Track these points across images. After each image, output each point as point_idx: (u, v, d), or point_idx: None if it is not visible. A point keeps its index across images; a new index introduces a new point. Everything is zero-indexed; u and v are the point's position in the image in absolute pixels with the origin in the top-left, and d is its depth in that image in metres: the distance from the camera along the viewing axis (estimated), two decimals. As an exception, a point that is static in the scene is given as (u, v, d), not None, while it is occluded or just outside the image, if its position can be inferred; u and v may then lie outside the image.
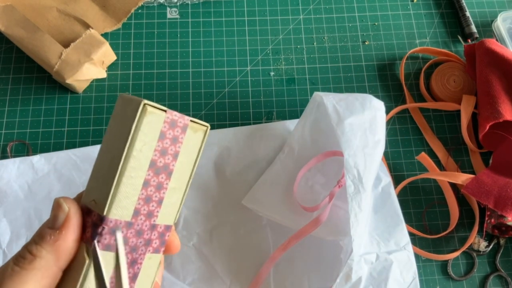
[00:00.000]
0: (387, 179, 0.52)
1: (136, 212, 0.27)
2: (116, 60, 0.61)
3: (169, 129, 0.27)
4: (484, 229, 0.54)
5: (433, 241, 0.55)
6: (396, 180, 0.56)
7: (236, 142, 0.56)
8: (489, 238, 0.55)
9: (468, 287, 0.53)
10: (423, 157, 0.55)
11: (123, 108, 0.27)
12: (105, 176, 0.26)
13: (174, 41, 0.62)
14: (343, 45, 0.64)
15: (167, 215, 0.29)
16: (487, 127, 0.54)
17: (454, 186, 0.56)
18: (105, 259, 0.26)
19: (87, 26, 0.59)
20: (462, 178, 0.52)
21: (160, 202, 0.28)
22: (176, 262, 0.49)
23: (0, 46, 0.61)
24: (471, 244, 0.54)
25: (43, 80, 0.60)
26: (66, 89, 0.59)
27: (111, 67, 0.61)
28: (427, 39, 0.64)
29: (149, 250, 0.28)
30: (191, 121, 0.28)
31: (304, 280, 0.49)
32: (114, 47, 0.61)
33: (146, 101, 0.26)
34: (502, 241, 0.55)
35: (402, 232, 0.49)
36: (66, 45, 0.56)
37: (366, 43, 0.64)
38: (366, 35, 0.64)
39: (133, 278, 0.28)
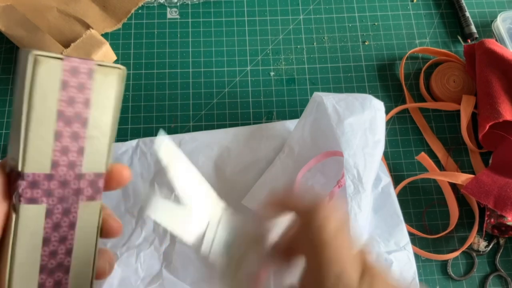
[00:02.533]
0: (387, 179, 0.52)
1: (55, 164, 0.27)
2: (116, 60, 0.61)
3: (72, 77, 0.27)
4: (484, 229, 0.54)
5: (433, 241, 0.55)
6: (396, 180, 0.57)
7: (236, 142, 0.56)
8: (488, 238, 0.55)
9: (467, 287, 0.53)
10: (423, 157, 0.55)
11: (21, 62, 0.26)
12: (15, 132, 0.26)
13: (174, 41, 0.62)
14: (343, 45, 0.64)
15: (94, 163, 0.29)
16: (487, 127, 0.54)
17: (454, 186, 0.56)
18: (33, 212, 0.27)
19: (87, 26, 0.59)
20: (462, 178, 0.52)
21: (81, 151, 0.28)
22: (177, 262, 0.49)
23: (1, 46, 0.61)
24: (470, 244, 0.54)
25: (43, 80, 0.60)
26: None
27: (111, 67, 0.61)
28: (427, 39, 0.64)
29: (82, 199, 0.29)
30: (98, 65, 0.28)
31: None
32: (114, 47, 0.61)
33: (38, 52, 0.25)
34: (501, 241, 0.55)
35: (402, 232, 0.49)
36: (66, 45, 0.56)
37: (366, 43, 0.64)
38: (366, 35, 0.64)
39: (70, 226, 0.28)
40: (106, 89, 0.28)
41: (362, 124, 0.47)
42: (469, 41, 0.64)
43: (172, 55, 0.62)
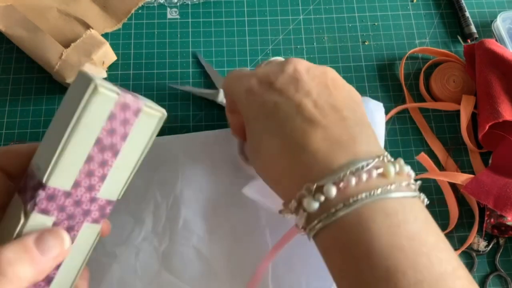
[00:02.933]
0: (386, 179, 0.52)
1: (76, 184, 0.28)
2: (116, 60, 0.61)
3: (120, 112, 0.28)
4: (484, 229, 0.54)
5: (432, 241, 0.55)
6: (396, 180, 0.56)
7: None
8: (488, 238, 0.55)
9: (467, 287, 0.53)
10: (423, 157, 0.55)
11: (79, 83, 0.27)
12: (50, 145, 0.27)
13: (174, 41, 0.63)
14: (343, 45, 0.64)
15: (110, 191, 0.31)
16: (487, 127, 0.54)
17: (453, 186, 0.56)
18: (40, 222, 0.28)
19: (87, 26, 0.59)
20: (461, 178, 0.52)
21: (103, 178, 0.30)
22: (176, 262, 0.49)
23: (0, 46, 0.61)
24: (470, 244, 0.54)
25: (43, 80, 0.60)
26: (67, 89, 0.59)
27: (111, 67, 0.61)
28: (427, 39, 0.64)
29: (88, 220, 0.30)
30: (146, 105, 0.29)
31: (302, 280, 0.50)
32: (114, 47, 0.61)
33: (98, 81, 0.27)
34: (501, 241, 0.55)
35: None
36: (66, 45, 0.56)
37: (366, 43, 0.64)
38: (366, 35, 0.64)
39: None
40: (145, 129, 0.30)
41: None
42: (469, 41, 0.64)
43: (172, 55, 0.62)
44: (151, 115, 0.30)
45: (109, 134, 0.28)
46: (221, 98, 0.58)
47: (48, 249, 0.26)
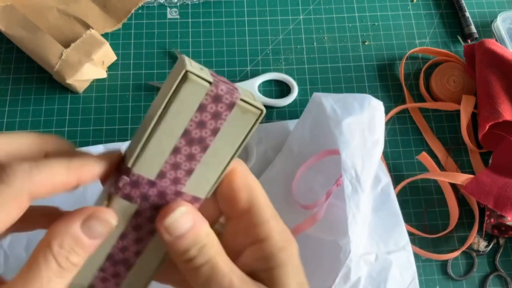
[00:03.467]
0: (386, 179, 0.52)
1: (161, 175, 0.28)
2: (116, 60, 0.61)
3: (212, 103, 0.26)
4: (484, 229, 0.54)
5: (433, 241, 0.55)
6: (396, 180, 0.57)
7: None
8: (488, 238, 0.55)
9: (467, 287, 0.53)
10: (424, 157, 0.55)
11: (174, 70, 0.27)
12: (139, 132, 0.27)
13: (174, 41, 0.63)
14: (343, 45, 0.64)
15: (197, 187, 0.29)
16: (487, 127, 0.54)
17: (454, 186, 0.56)
18: (124, 207, 0.28)
19: (87, 26, 0.59)
20: (461, 178, 0.52)
21: (189, 172, 0.28)
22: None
23: (1, 46, 0.61)
24: (470, 244, 0.54)
25: (43, 80, 0.60)
26: (67, 89, 0.59)
27: (111, 67, 0.61)
28: (427, 39, 0.64)
29: None
30: (242, 100, 0.27)
31: (303, 280, 0.50)
32: (114, 47, 0.61)
33: (190, 68, 0.25)
34: (501, 241, 0.55)
35: (402, 233, 0.49)
36: (66, 45, 0.56)
37: (366, 43, 0.64)
38: (366, 35, 0.64)
39: (150, 232, 0.29)
40: (240, 126, 0.28)
41: (361, 124, 0.47)
42: (469, 41, 0.64)
43: (172, 55, 0.62)
44: (247, 111, 0.27)
45: (198, 127, 0.27)
46: None
47: (98, 235, 0.26)
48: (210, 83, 0.26)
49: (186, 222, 0.27)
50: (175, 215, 0.27)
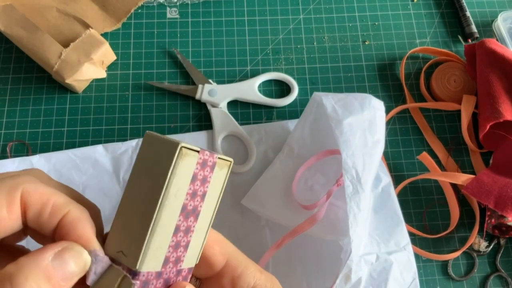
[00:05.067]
0: (387, 179, 0.52)
1: (166, 261, 0.26)
2: (116, 60, 0.61)
3: (200, 170, 0.26)
4: (485, 229, 0.54)
5: (433, 241, 0.55)
6: (396, 180, 0.56)
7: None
8: (489, 238, 0.55)
9: (468, 287, 0.53)
10: (424, 157, 0.55)
11: (154, 149, 0.25)
12: (135, 226, 0.24)
13: (174, 41, 0.62)
14: (343, 45, 0.63)
15: (191, 257, 0.28)
16: (488, 127, 0.54)
17: (454, 186, 0.56)
18: None
19: (87, 26, 0.59)
20: (462, 178, 0.52)
21: (187, 246, 0.27)
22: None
23: (0, 45, 0.61)
24: (471, 244, 0.54)
25: (42, 80, 0.60)
26: (66, 89, 0.59)
27: (111, 67, 0.61)
28: (427, 39, 0.64)
29: None
30: (218, 157, 0.26)
31: (303, 280, 0.49)
32: (114, 47, 0.61)
33: (183, 143, 0.24)
34: (502, 241, 0.54)
35: (402, 233, 0.48)
36: (65, 45, 0.56)
37: (366, 43, 0.64)
38: (366, 35, 0.64)
39: None
40: (218, 182, 0.27)
41: (361, 124, 0.47)
42: (469, 40, 0.64)
43: (172, 55, 0.62)
44: (222, 166, 0.27)
45: (192, 198, 0.26)
46: (199, 94, 0.58)
47: (71, 276, 0.23)
48: (198, 151, 0.25)
49: None
50: None
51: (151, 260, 0.24)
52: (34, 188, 0.24)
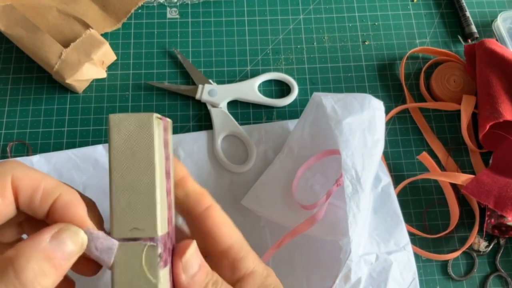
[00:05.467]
0: (387, 179, 0.52)
1: (168, 222, 0.27)
2: (116, 60, 0.61)
3: (165, 134, 0.27)
4: (484, 229, 0.54)
5: (433, 241, 0.55)
6: (396, 180, 0.56)
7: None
8: (489, 238, 0.55)
9: (468, 287, 0.53)
10: (424, 157, 0.55)
11: (127, 128, 0.26)
12: (140, 201, 0.26)
13: (174, 41, 0.62)
14: (343, 45, 0.63)
15: (173, 216, 0.29)
16: (487, 127, 0.54)
17: (454, 186, 0.56)
18: (165, 278, 0.26)
19: (87, 26, 0.59)
20: (462, 178, 0.52)
21: (171, 205, 0.28)
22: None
23: (0, 46, 0.61)
24: (471, 244, 0.54)
25: (43, 80, 0.60)
26: (66, 89, 0.59)
27: (111, 67, 0.61)
28: (427, 39, 0.64)
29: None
30: (160, 119, 0.28)
31: (303, 280, 0.49)
32: (114, 47, 0.61)
33: (155, 114, 0.26)
34: (502, 241, 0.54)
35: (402, 233, 0.48)
36: (66, 45, 0.56)
37: (366, 43, 0.64)
38: (366, 35, 0.64)
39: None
40: (169, 140, 0.29)
41: (361, 124, 0.47)
42: (469, 41, 0.64)
43: (172, 55, 0.62)
44: (167, 127, 0.28)
45: (166, 161, 0.27)
46: (199, 94, 0.58)
47: (70, 255, 0.24)
48: (160, 118, 0.27)
49: (196, 260, 0.27)
50: (191, 251, 0.27)
51: (162, 224, 0.26)
52: (24, 173, 0.25)
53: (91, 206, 0.28)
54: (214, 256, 0.30)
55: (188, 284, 0.26)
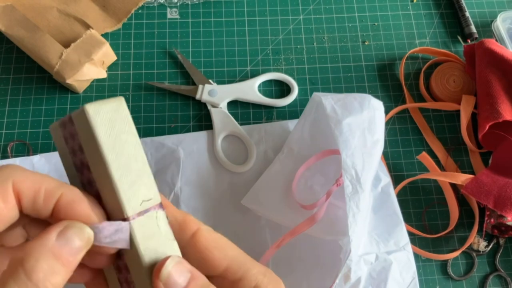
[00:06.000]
0: (386, 179, 0.52)
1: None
2: (116, 60, 0.61)
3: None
4: (484, 229, 0.54)
5: (432, 241, 0.55)
6: (396, 180, 0.57)
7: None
8: (488, 238, 0.55)
9: (467, 287, 0.53)
10: (424, 157, 0.55)
11: (104, 114, 0.27)
12: (139, 178, 0.27)
13: (174, 41, 0.63)
14: (343, 45, 0.64)
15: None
16: (487, 127, 0.54)
17: (454, 186, 0.56)
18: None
19: (87, 26, 0.59)
20: (461, 178, 0.52)
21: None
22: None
23: (1, 46, 0.61)
24: (470, 244, 0.54)
25: (43, 80, 0.60)
26: (67, 89, 0.59)
27: (111, 67, 0.61)
28: (427, 39, 0.64)
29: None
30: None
31: (303, 280, 0.50)
32: (114, 47, 0.61)
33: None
34: (501, 241, 0.55)
35: (402, 233, 0.49)
36: (66, 45, 0.56)
37: (366, 43, 0.64)
38: (366, 35, 0.64)
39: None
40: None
41: (361, 124, 0.47)
42: (469, 41, 0.64)
43: (172, 55, 0.62)
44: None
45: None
46: (200, 94, 0.58)
47: (78, 251, 0.24)
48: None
49: (182, 274, 0.26)
50: (168, 267, 0.26)
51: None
52: (24, 177, 0.25)
53: (92, 201, 0.28)
54: (214, 278, 0.29)
55: None
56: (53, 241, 0.23)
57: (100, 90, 0.59)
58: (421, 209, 0.56)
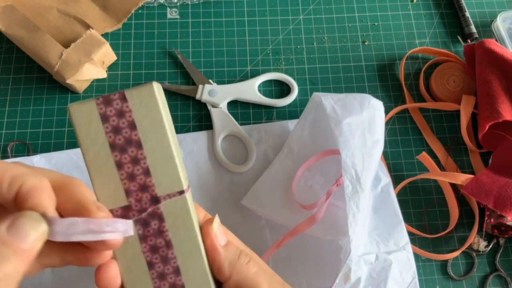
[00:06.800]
0: (386, 179, 0.52)
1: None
2: (116, 60, 0.61)
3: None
4: (484, 229, 0.54)
5: (432, 241, 0.55)
6: (396, 180, 0.57)
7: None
8: (488, 238, 0.55)
9: (467, 287, 0.53)
10: (424, 157, 0.55)
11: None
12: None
13: (174, 41, 0.63)
14: (343, 45, 0.64)
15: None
16: (487, 127, 0.54)
17: (454, 186, 0.56)
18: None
19: (87, 26, 0.59)
20: (461, 178, 0.52)
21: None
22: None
23: (1, 46, 0.61)
24: (470, 244, 0.54)
25: (43, 80, 0.60)
26: (67, 89, 0.59)
27: (111, 67, 0.61)
28: (427, 39, 0.64)
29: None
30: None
31: (303, 280, 0.50)
32: (114, 47, 0.61)
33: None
34: (501, 241, 0.55)
35: (402, 232, 0.49)
36: (66, 45, 0.56)
37: (366, 43, 0.64)
38: (366, 35, 0.64)
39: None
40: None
41: (361, 124, 0.47)
42: (469, 41, 0.64)
43: (172, 55, 0.62)
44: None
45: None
46: (200, 94, 0.58)
47: (32, 241, 0.24)
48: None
49: (223, 234, 0.31)
50: (215, 226, 0.30)
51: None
52: None
53: (76, 183, 0.29)
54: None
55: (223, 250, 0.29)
56: (3, 230, 0.24)
57: (100, 90, 0.59)
58: (421, 209, 0.56)
